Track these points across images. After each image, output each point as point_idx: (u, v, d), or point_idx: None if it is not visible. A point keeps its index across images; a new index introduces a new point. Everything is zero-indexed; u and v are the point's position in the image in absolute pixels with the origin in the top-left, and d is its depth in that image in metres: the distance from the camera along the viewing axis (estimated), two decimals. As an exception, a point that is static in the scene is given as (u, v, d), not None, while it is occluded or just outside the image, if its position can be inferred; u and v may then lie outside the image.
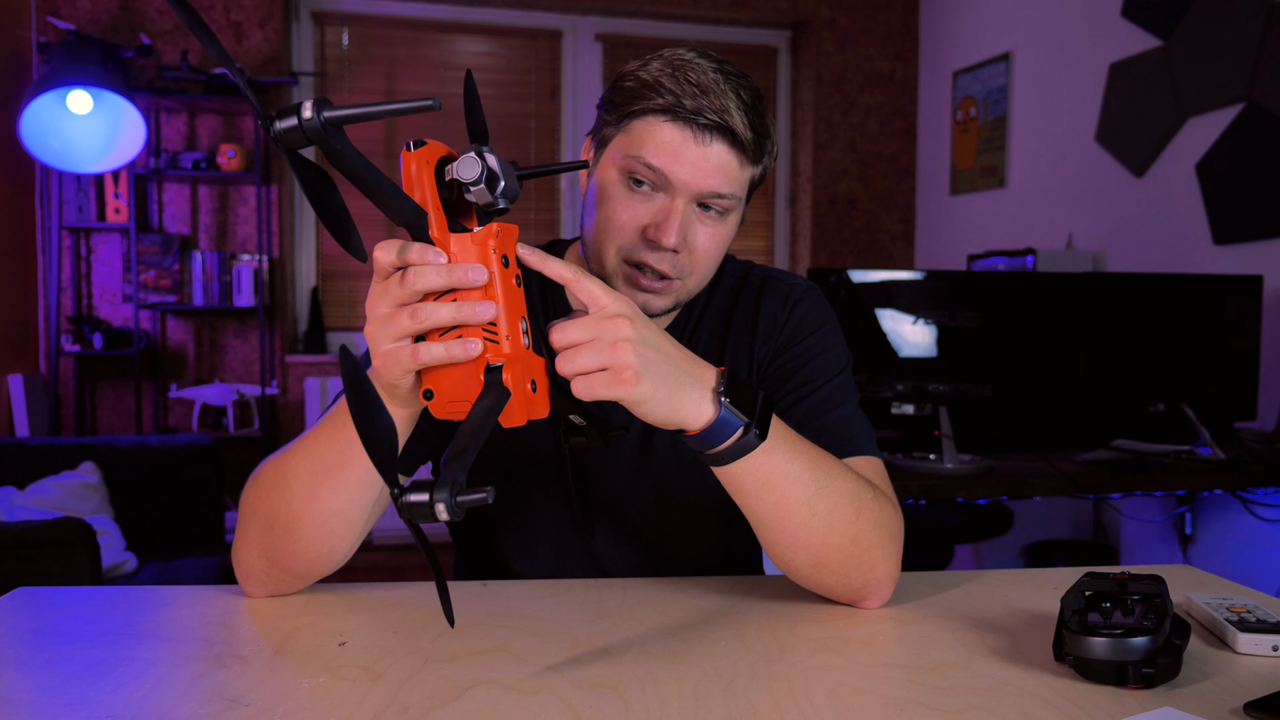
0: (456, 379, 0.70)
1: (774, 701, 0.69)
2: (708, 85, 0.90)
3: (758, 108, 0.93)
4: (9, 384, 3.48)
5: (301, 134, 0.62)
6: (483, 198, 0.69)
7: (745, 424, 0.78)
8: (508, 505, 1.05)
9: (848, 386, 1.04)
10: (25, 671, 0.73)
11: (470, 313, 0.68)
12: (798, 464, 0.83)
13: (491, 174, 0.69)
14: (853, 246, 4.51)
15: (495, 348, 0.70)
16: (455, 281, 0.69)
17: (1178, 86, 3.00)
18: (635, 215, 0.92)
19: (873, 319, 2.07)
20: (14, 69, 3.57)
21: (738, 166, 0.92)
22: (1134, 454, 2.19)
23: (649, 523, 1.06)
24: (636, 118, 0.92)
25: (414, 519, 0.62)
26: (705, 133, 0.90)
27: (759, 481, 0.82)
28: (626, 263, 0.94)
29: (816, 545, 0.86)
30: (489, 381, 0.69)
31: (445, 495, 0.61)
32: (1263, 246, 2.72)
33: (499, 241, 0.70)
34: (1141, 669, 0.70)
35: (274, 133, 0.62)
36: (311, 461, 0.82)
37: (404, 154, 0.70)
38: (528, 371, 0.72)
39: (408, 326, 0.69)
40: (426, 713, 0.66)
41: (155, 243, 3.81)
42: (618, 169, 0.93)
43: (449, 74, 4.26)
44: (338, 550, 0.86)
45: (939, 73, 4.37)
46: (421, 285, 0.68)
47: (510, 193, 0.70)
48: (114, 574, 2.40)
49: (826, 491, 0.84)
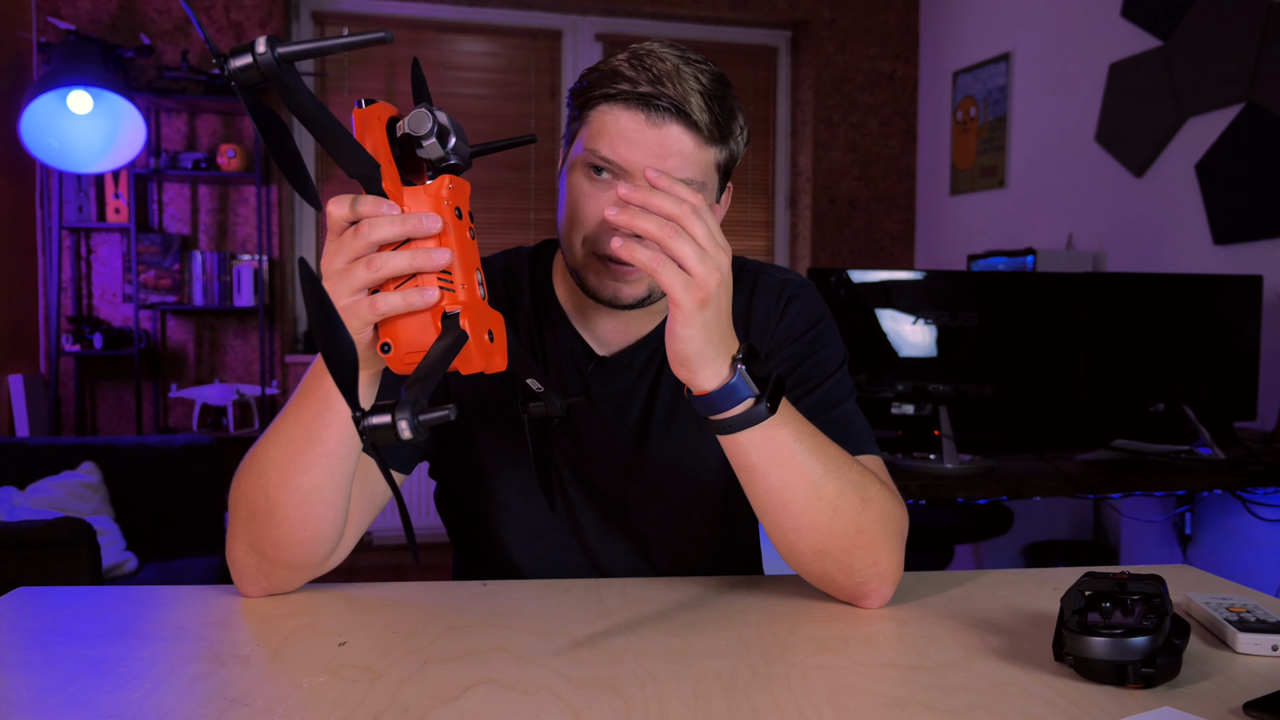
0: (413, 329, 0.70)
1: (774, 701, 0.69)
2: (664, 71, 0.90)
3: (718, 91, 0.92)
4: (9, 384, 3.48)
5: (256, 70, 0.61)
6: (434, 152, 0.69)
7: (756, 395, 0.79)
8: (503, 501, 1.05)
9: (844, 384, 1.03)
10: (25, 671, 0.73)
11: (426, 259, 0.69)
12: (806, 444, 0.83)
13: (442, 128, 0.69)
14: (853, 246, 4.51)
15: (451, 295, 0.70)
16: (410, 230, 0.69)
17: (1178, 86, 3.00)
18: (598, 204, 0.93)
19: (873, 319, 2.07)
20: (14, 69, 3.57)
21: (695, 148, 0.91)
22: (1134, 454, 2.19)
23: (646, 521, 1.06)
24: (594, 106, 0.93)
25: (377, 441, 0.62)
26: (659, 114, 0.90)
27: (765, 457, 0.82)
28: (594, 254, 0.94)
29: (821, 531, 0.85)
30: (446, 326, 0.69)
31: (407, 414, 0.61)
32: (1263, 246, 2.72)
33: (451, 193, 0.70)
34: (1141, 669, 0.70)
35: (229, 70, 0.61)
36: (282, 443, 0.82)
37: (355, 111, 0.70)
38: (485, 321, 0.72)
39: (364, 278, 0.69)
40: (426, 713, 0.66)
41: (155, 243, 3.81)
42: (580, 161, 0.94)
43: (449, 74, 4.25)
44: (320, 534, 0.85)
45: (939, 73, 4.37)
46: (376, 236, 0.69)
47: (462, 150, 0.71)
48: (114, 574, 2.40)
49: (833, 477, 0.84)
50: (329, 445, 0.80)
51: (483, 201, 4.27)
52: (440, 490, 1.13)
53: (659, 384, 1.04)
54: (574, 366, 1.04)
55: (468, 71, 4.29)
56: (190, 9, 0.64)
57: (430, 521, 3.96)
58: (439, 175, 0.71)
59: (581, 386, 1.04)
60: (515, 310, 1.06)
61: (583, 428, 1.04)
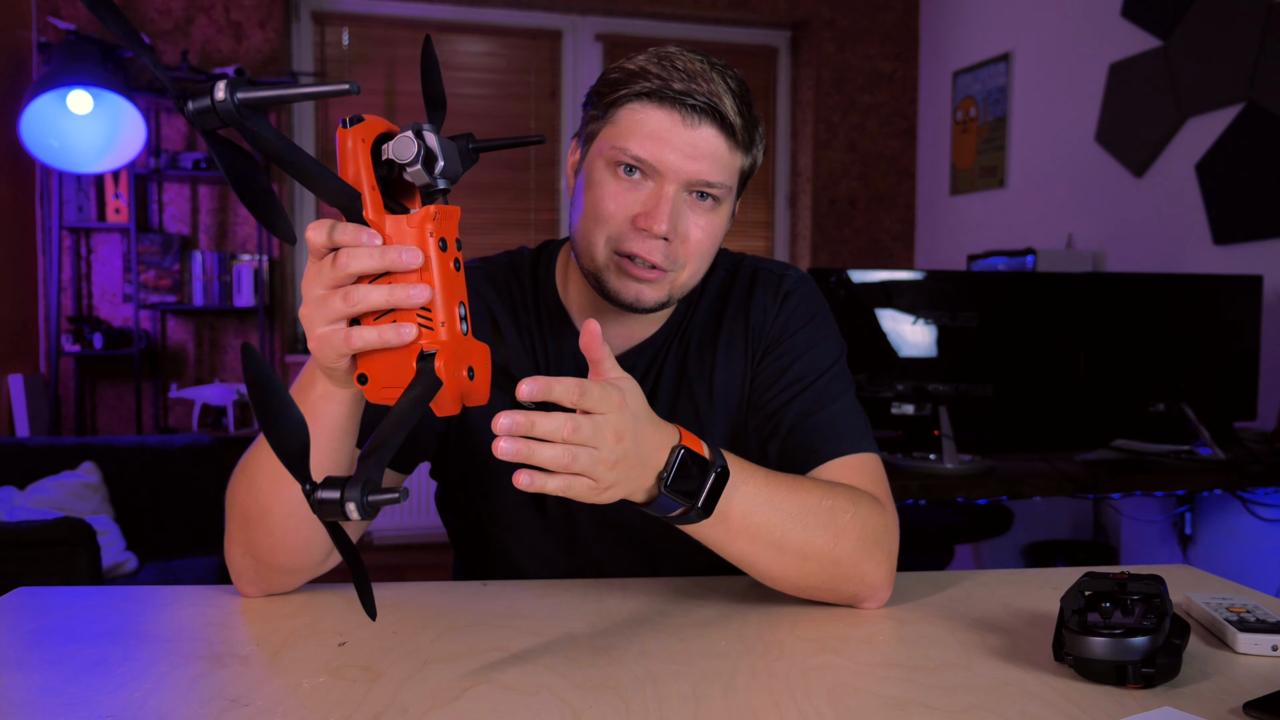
0: (390, 364, 0.69)
1: (774, 701, 0.69)
2: (695, 71, 0.89)
3: (745, 96, 0.92)
4: (9, 384, 3.48)
5: (216, 116, 0.60)
6: (419, 179, 0.67)
7: (684, 507, 0.79)
8: (503, 503, 1.05)
9: (841, 380, 1.02)
10: (25, 671, 0.73)
11: (403, 296, 0.67)
12: (760, 514, 0.83)
13: (429, 153, 0.67)
14: (853, 246, 4.51)
15: (430, 334, 0.68)
16: (389, 264, 0.67)
17: (1178, 86, 3.00)
18: (624, 204, 0.91)
19: (873, 319, 2.07)
20: (14, 69, 3.57)
21: (728, 152, 0.91)
22: (1134, 454, 2.19)
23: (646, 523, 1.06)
24: (622, 105, 0.91)
25: (325, 516, 0.61)
26: (694, 115, 0.89)
27: (715, 541, 0.84)
28: (617, 253, 0.92)
29: (793, 575, 0.87)
30: (420, 369, 0.67)
31: (356, 494, 0.60)
32: (1263, 246, 2.72)
33: (437, 224, 0.68)
34: (1141, 669, 0.70)
35: (188, 114, 0.60)
36: (271, 451, 0.82)
37: (339, 131, 0.67)
38: (465, 358, 0.70)
39: (340, 309, 0.68)
40: (426, 713, 0.66)
41: (155, 243, 3.81)
42: (605, 159, 0.92)
43: (449, 74, 4.25)
44: (313, 541, 0.85)
45: (939, 73, 4.36)
46: (354, 268, 0.67)
47: (451, 173, 0.68)
48: (114, 574, 2.40)
49: (797, 529, 0.85)
50: (317, 456, 0.80)
51: (483, 201, 4.27)
52: (441, 491, 1.13)
53: (659, 386, 1.04)
54: (576, 369, 1.04)
55: (468, 71, 4.29)
56: (149, 58, 0.60)
57: (430, 521, 3.97)
58: (430, 202, 0.69)
59: None
60: (518, 311, 1.06)
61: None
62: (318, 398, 0.78)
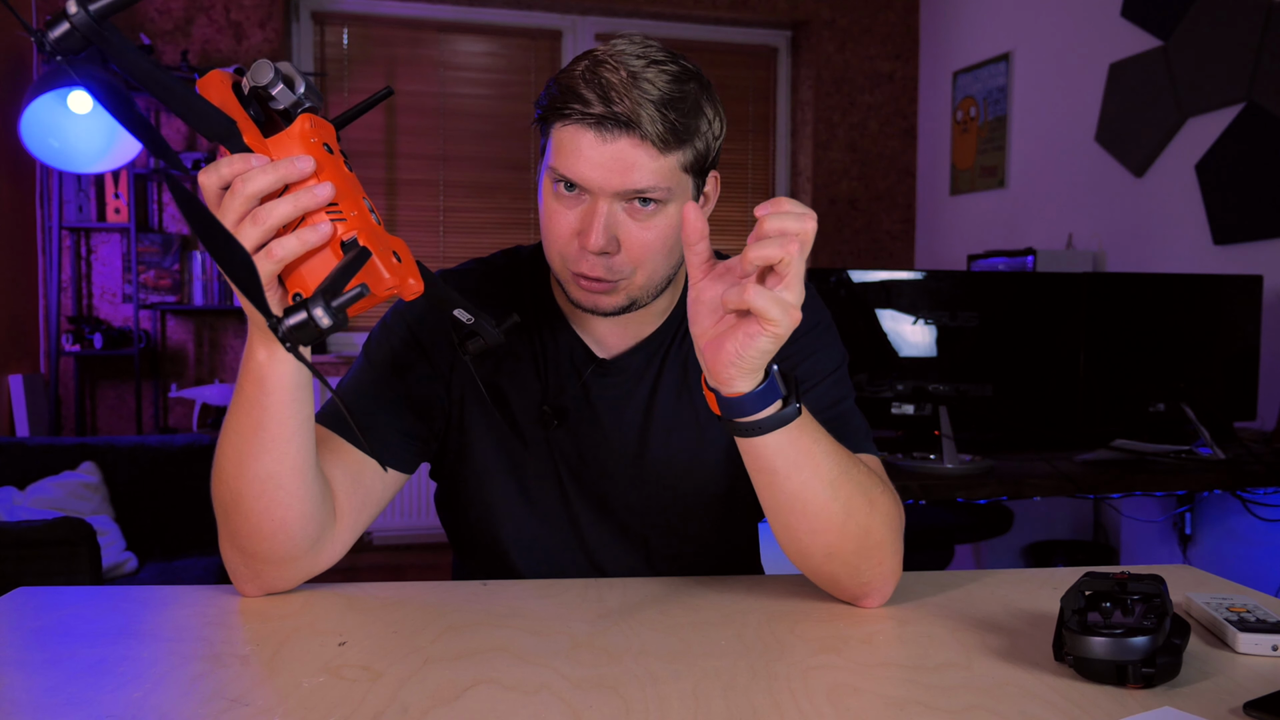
0: (317, 267, 0.70)
1: (774, 701, 0.69)
2: (615, 82, 0.89)
3: (675, 94, 0.90)
4: (9, 384, 3.48)
5: (77, 34, 0.59)
6: (286, 98, 0.69)
7: (785, 395, 0.79)
8: (503, 503, 1.05)
9: (843, 384, 1.04)
10: (25, 671, 0.73)
11: (309, 198, 0.69)
12: (823, 445, 0.84)
13: (286, 75, 0.69)
14: (853, 246, 4.51)
15: (345, 224, 0.69)
16: (284, 176, 0.69)
17: (1178, 86, 3.00)
18: (566, 222, 0.93)
19: (873, 319, 2.07)
20: (14, 69, 3.57)
21: (652, 159, 0.90)
22: (1134, 454, 2.19)
23: (646, 523, 1.06)
24: (553, 124, 0.93)
25: (300, 342, 0.62)
26: (610, 130, 0.89)
27: (789, 459, 0.82)
28: (570, 269, 0.95)
29: (834, 532, 0.86)
30: (346, 250, 0.69)
31: (320, 304, 0.61)
32: (1263, 246, 2.72)
33: (315, 129, 0.70)
34: (1141, 669, 0.70)
35: (49, 44, 0.60)
36: (233, 436, 0.84)
37: (198, 82, 0.69)
38: (386, 243, 0.71)
39: (254, 234, 0.69)
40: (426, 713, 0.66)
41: (155, 243, 3.81)
42: (548, 177, 0.94)
43: (449, 74, 4.25)
44: (289, 522, 0.86)
45: (939, 73, 4.37)
46: (252, 189, 0.69)
47: (315, 94, 0.70)
48: (114, 574, 2.40)
49: (846, 478, 0.85)
50: (272, 430, 0.81)
51: (482, 201, 4.27)
52: (440, 492, 1.13)
53: (659, 386, 1.04)
54: (574, 368, 1.04)
55: (468, 71, 4.29)
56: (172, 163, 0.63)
57: (430, 521, 3.96)
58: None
59: (581, 389, 1.04)
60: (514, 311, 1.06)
61: (583, 429, 1.04)
62: (260, 364, 0.79)
